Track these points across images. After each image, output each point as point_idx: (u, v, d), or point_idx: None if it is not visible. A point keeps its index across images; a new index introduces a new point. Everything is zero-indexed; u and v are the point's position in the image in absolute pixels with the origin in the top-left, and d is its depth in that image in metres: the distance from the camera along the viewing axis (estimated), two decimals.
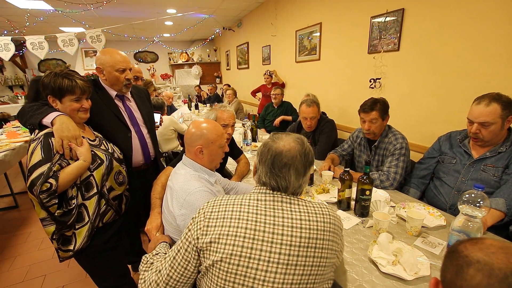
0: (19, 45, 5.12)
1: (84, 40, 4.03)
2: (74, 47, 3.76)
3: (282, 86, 4.29)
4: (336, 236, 0.80)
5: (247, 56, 6.01)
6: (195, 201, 1.04)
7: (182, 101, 6.57)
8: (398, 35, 2.35)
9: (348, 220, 1.31)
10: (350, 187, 1.35)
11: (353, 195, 1.39)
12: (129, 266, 1.75)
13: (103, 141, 1.37)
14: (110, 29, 4.51)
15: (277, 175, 0.79)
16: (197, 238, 0.77)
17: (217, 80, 8.73)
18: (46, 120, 1.16)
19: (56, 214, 1.11)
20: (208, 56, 8.72)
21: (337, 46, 3.16)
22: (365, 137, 1.81)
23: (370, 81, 2.67)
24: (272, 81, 4.51)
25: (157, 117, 2.04)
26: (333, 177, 1.73)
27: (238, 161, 1.91)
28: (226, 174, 1.99)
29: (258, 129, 2.99)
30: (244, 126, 2.29)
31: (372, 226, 1.21)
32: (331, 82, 3.35)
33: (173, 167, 1.42)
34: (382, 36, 2.51)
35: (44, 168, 1.06)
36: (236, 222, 0.76)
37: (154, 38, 6.46)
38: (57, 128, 1.14)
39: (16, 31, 4.87)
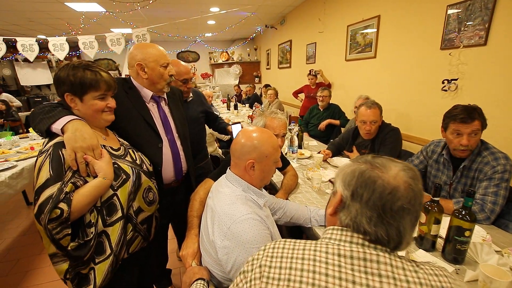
0: (75, 46, 5.50)
1: (132, 41, 4.14)
2: (121, 46, 3.87)
3: (328, 87, 3.94)
4: None
5: (290, 54, 5.74)
6: (241, 232, 0.83)
7: (221, 100, 6.53)
8: (487, 25, 1.90)
9: None
10: (438, 222, 1.03)
11: (441, 232, 1.07)
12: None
13: (130, 150, 1.14)
14: (155, 29, 4.58)
15: (388, 222, 0.53)
16: None
17: (256, 79, 8.58)
18: (56, 127, 0.92)
19: (69, 248, 0.86)
20: (248, 55, 8.61)
21: (398, 42, 2.74)
22: (449, 154, 1.43)
23: (443, 83, 2.24)
24: (316, 82, 4.19)
25: (238, 128, 1.82)
26: None
27: (285, 173, 1.66)
28: (267, 185, 1.77)
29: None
30: (290, 132, 2.04)
31: (477, 281, 0.88)
32: (388, 83, 2.94)
33: (213, 180, 1.24)
34: (463, 28, 2.07)
35: (53, 190, 0.83)
36: None
37: (196, 37, 6.51)
38: (69, 137, 0.90)
39: (73, 32, 5.21)
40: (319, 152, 2.17)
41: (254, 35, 7.01)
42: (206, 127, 2.37)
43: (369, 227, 0.54)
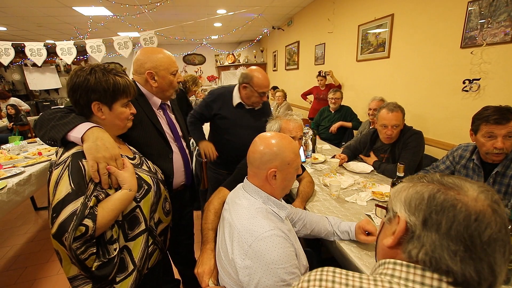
0: (83, 50, 5.55)
1: (139, 45, 4.12)
2: (128, 50, 3.84)
3: (339, 88, 3.85)
4: None
5: (297, 56, 5.66)
6: (265, 251, 0.75)
7: None
8: None
9: None
10: None
11: None
12: None
13: (143, 159, 1.07)
14: (162, 32, 4.56)
15: (479, 257, 0.42)
16: None
17: None
18: (75, 135, 0.84)
19: (93, 268, 0.79)
20: (255, 57, 8.56)
21: (414, 41, 2.64)
22: (480, 159, 1.33)
23: (464, 83, 2.13)
24: (326, 83, 4.09)
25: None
26: None
27: (300, 180, 1.58)
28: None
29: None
30: (305, 136, 1.96)
31: None
32: (403, 84, 2.84)
33: (228, 189, 1.16)
34: (486, 26, 1.97)
35: (76, 205, 0.75)
36: None
37: (203, 40, 6.49)
38: (91, 146, 0.82)
39: (81, 36, 5.23)
40: (333, 157, 2.08)
41: (261, 36, 6.95)
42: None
43: (454, 263, 0.42)
